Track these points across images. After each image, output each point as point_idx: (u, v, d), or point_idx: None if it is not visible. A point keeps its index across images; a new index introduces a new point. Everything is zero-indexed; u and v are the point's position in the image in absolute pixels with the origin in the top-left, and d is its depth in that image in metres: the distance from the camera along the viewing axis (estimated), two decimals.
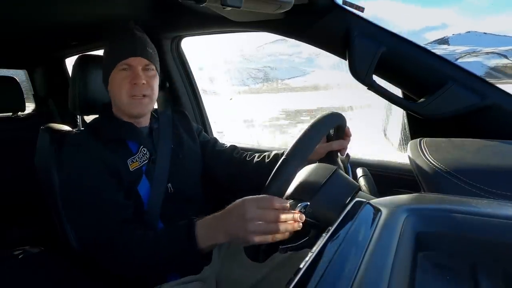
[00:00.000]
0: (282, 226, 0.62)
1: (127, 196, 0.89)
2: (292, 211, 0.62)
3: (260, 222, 0.63)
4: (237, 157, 1.10)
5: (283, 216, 0.62)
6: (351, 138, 0.93)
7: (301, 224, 0.61)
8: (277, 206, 0.62)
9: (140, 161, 0.94)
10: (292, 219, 0.61)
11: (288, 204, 0.63)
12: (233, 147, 1.15)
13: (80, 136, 0.95)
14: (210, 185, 1.12)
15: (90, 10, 1.24)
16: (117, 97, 0.95)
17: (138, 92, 0.92)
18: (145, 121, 1.01)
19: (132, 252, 0.78)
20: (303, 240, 0.63)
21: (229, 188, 1.13)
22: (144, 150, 0.96)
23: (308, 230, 0.63)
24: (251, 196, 0.66)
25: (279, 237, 0.63)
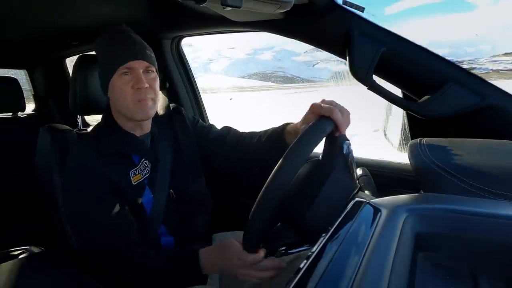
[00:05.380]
0: (266, 274, 0.75)
1: (131, 209, 0.90)
2: (272, 260, 0.73)
3: (246, 271, 0.74)
4: (233, 140, 1.06)
5: (265, 265, 0.74)
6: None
7: (281, 271, 0.75)
8: (255, 261, 0.72)
9: (142, 174, 0.94)
10: (272, 268, 0.74)
11: (262, 255, 0.72)
12: (228, 130, 1.10)
13: (82, 147, 0.95)
14: (212, 183, 1.12)
15: (90, 10, 1.24)
16: (120, 103, 0.91)
17: (142, 96, 0.89)
18: (147, 127, 0.99)
19: (134, 274, 0.84)
20: (298, 249, 0.67)
21: (229, 171, 1.12)
22: (146, 163, 0.95)
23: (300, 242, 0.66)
24: (237, 247, 0.75)
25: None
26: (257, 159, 1.01)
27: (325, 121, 0.72)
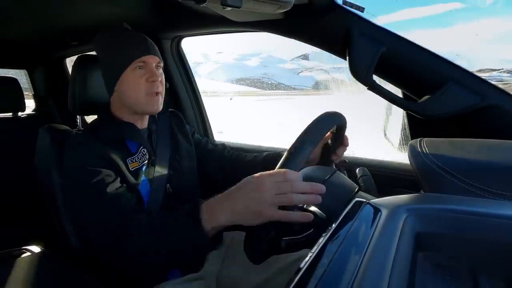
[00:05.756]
0: (303, 197, 0.60)
1: (130, 192, 0.89)
2: (310, 182, 0.61)
3: (279, 194, 0.61)
4: (228, 154, 1.14)
5: (302, 186, 0.60)
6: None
7: (319, 198, 0.59)
8: (294, 177, 0.61)
9: (139, 161, 0.95)
10: (311, 190, 0.60)
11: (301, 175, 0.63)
12: (224, 146, 1.19)
13: (79, 137, 0.95)
14: (207, 185, 1.12)
15: (90, 10, 1.24)
16: (132, 96, 0.93)
17: (155, 89, 0.93)
18: (144, 123, 1.01)
19: (139, 240, 0.77)
20: (306, 233, 0.62)
21: (223, 184, 1.13)
22: (144, 151, 0.96)
23: (309, 225, 0.63)
24: (271, 172, 0.63)
25: (296, 217, 0.60)
26: (247, 173, 1.03)
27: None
